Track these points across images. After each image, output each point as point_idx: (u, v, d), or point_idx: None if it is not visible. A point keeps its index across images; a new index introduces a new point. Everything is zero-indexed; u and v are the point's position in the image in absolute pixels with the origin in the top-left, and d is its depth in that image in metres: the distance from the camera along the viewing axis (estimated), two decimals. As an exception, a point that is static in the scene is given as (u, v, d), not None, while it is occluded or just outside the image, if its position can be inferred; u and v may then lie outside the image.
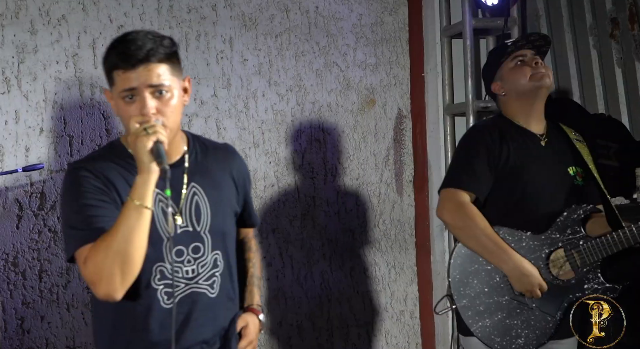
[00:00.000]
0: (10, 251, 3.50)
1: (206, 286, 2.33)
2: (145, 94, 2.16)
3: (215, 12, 3.99)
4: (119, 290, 2.11)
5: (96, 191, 2.20)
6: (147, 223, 2.12)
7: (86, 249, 2.13)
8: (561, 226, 2.96)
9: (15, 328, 3.52)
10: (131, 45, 2.17)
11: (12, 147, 3.50)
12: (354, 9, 4.43)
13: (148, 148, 2.09)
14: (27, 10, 3.55)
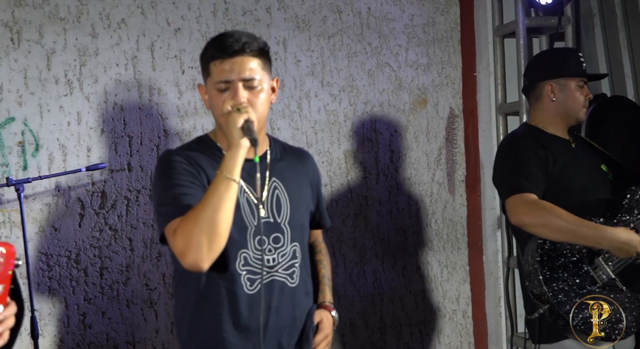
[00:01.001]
0: (72, 248, 3.61)
1: (286, 276, 2.43)
2: (238, 85, 2.31)
3: (269, 15, 4.05)
4: (206, 259, 2.18)
5: (187, 173, 2.33)
6: (234, 194, 2.22)
7: (175, 222, 2.23)
8: (628, 208, 3.04)
9: (78, 323, 3.62)
10: (228, 38, 2.34)
11: (74, 147, 3.61)
12: (406, 10, 4.45)
13: (239, 124, 2.22)
14: (88, 14, 3.65)
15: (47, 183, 3.54)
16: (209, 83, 2.38)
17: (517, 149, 3.14)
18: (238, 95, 2.30)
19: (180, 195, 2.27)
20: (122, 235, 3.69)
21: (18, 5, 3.54)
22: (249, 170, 2.32)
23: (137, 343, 3.73)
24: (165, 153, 2.47)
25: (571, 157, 3.17)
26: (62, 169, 3.55)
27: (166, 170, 2.36)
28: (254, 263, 2.36)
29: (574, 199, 3.07)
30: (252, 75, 2.31)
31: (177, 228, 2.20)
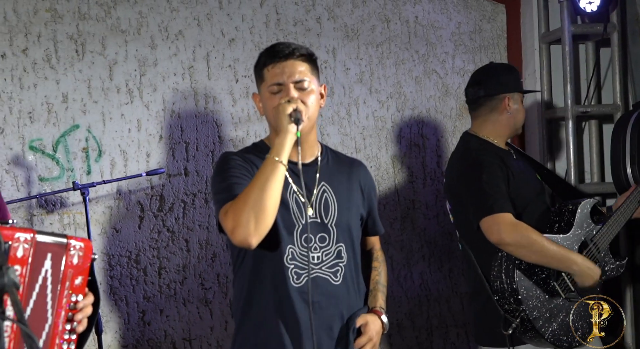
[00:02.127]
0: (132, 249, 3.80)
1: (329, 273, 2.58)
2: (289, 86, 2.50)
3: (319, 24, 4.20)
4: (254, 235, 2.35)
5: (242, 169, 2.54)
6: (281, 176, 2.40)
7: (227, 205, 2.42)
8: (579, 222, 3.26)
9: (137, 320, 3.81)
10: (279, 45, 2.60)
11: (134, 153, 3.80)
12: (453, 18, 4.55)
13: (288, 111, 2.41)
14: (148, 26, 3.84)
15: (109, 187, 3.74)
16: (262, 88, 2.58)
17: (482, 167, 3.21)
18: (290, 93, 2.49)
19: (234, 184, 2.48)
20: (179, 236, 3.87)
21: (82, 19, 3.75)
22: (298, 172, 2.48)
23: (193, 340, 3.90)
24: (223, 154, 2.68)
25: (518, 168, 3.31)
26: (123, 174, 3.75)
27: (223, 166, 2.57)
28: (300, 258, 2.53)
29: (530, 210, 3.25)
30: (302, 77, 2.52)
31: (229, 208, 2.39)
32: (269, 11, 4.08)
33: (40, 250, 1.85)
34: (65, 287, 1.91)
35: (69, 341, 1.93)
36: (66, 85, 3.72)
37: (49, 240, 1.88)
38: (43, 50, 3.70)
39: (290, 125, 2.40)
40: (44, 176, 3.68)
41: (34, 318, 1.85)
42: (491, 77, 3.44)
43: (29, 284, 1.84)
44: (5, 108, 3.66)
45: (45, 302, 1.87)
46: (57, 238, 1.91)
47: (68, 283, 1.91)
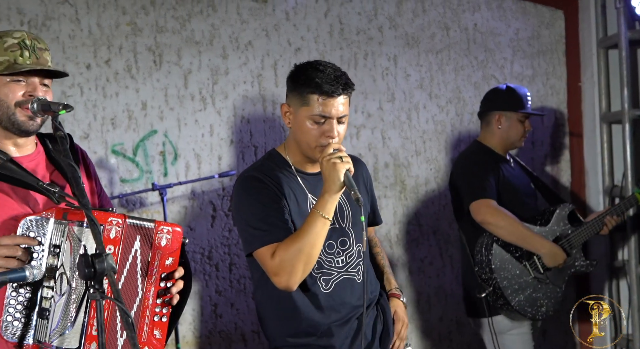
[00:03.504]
0: (205, 246, 4.06)
1: (354, 273, 2.73)
2: (333, 122, 2.58)
3: (381, 33, 4.39)
4: (297, 282, 2.54)
5: (271, 195, 2.60)
6: (326, 232, 2.54)
7: (272, 247, 2.53)
8: (556, 220, 3.84)
9: (210, 312, 4.07)
10: (331, 77, 2.57)
11: (207, 156, 4.06)
12: (511, 24, 4.69)
13: (341, 176, 2.47)
14: (220, 38, 4.10)
15: (184, 188, 4.01)
16: (302, 110, 2.59)
17: (476, 163, 3.84)
18: (333, 131, 2.57)
19: (271, 220, 2.56)
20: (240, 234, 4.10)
21: (160, 32, 4.03)
22: (315, 183, 2.64)
23: (261, 333, 4.12)
24: (244, 175, 2.70)
25: (511, 174, 3.88)
26: (197, 176, 4.02)
27: (251, 191, 2.63)
28: (326, 265, 2.67)
29: (517, 209, 3.78)
30: (345, 113, 2.61)
31: (276, 254, 2.50)
32: (332, 21, 4.29)
33: (130, 232, 2.08)
34: (154, 266, 2.13)
35: (160, 314, 2.16)
36: (145, 94, 4.01)
37: (138, 223, 2.11)
38: (124, 61, 4.00)
39: (342, 189, 2.50)
40: (125, 178, 3.98)
41: (125, 291, 2.08)
42: (489, 96, 4.00)
43: (121, 262, 2.06)
44: (90, 115, 3.97)
45: (135, 278, 2.10)
46: (146, 222, 2.14)
47: (157, 262, 2.13)
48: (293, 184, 2.65)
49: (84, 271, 1.70)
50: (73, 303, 1.95)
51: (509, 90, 3.94)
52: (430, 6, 4.52)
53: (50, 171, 2.32)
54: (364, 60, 4.35)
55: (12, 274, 1.85)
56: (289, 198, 2.63)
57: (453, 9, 4.57)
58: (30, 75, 2.22)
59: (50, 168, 2.33)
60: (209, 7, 4.10)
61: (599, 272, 4.63)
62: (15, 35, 2.23)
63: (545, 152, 4.76)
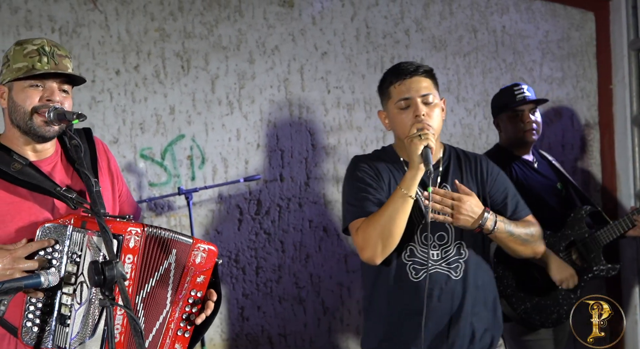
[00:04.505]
0: (232, 249, 4.10)
1: (449, 269, 2.73)
2: (417, 101, 2.68)
3: (407, 36, 4.38)
4: (379, 256, 2.64)
5: (369, 178, 2.75)
6: (408, 208, 2.62)
7: (358, 222, 2.69)
8: (570, 224, 3.66)
9: (237, 315, 4.10)
10: (402, 64, 2.77)
11: (234, 160, 4.10)
12: (541, 27, 4.64)
13: (419, 151, 2.57)
14: (247, 43, 4.13)
15: (211, 192, 4.05)
16: (389, 105, 2.76)
17: None
18: (419, 109, 2.66)
19: (364, 199, 2.71)
20: (275, 238, 4.13)
21: (187, 37, 4.08)
22: (428, 175, 2.63)
23: (288, 336, 4.16)
24: (353, 159, 2.89)
25: (526, 175, 3.70)
26: (224, 180, 4.05)
27: (353, 173, 2.80)
28: (420, 255, 2.72)
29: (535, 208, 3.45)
30: (428, 91, 2.69)
31: (359, 228, 2.66)
32: (359, 25, 4.29)
33: (162, 245, 2.10)
34: (186, 281, 2.15)
35: (184, 329, 2.17)
36: (173, 98, 4.06)
37: (175, 237, 2.14)
38: (152, 67, 4.06)
39: (421, 164, 2.57)
40: (153, 181, 4.03)
41: (150, 301, 2.11)
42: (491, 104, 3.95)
43: (145, 271, 2.08)
44: (119, 120, 4.03)
45: (165, 290, 2.12)
46: (185, 238, 2.17)
47: (189, 278, 2.16)
48: (399, 174, 2.76)
49: (94, 278, 1.73)
50: (93, 312, 1.97)
51: (497, 94, 3.89)
52: (458, 9, 4.50)
53: (70, 173, 2.35)
54: (391, 64, 4.29)
55: (27, 280, 1.87)
56: (389, 185, 2.75)
57: (481, 11, 4.54)
58: (47, 80, 2.25)
59: (70, 170, 2.36)
60: (236, 13, 4.13)
61: (629, 276, 4.56)
62: (35, 42, 2.28)
63: (575, 155, 4.71)
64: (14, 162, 2.23)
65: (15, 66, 2.24)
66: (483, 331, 2.79)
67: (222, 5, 4.12)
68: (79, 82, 2.36)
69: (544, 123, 4.60)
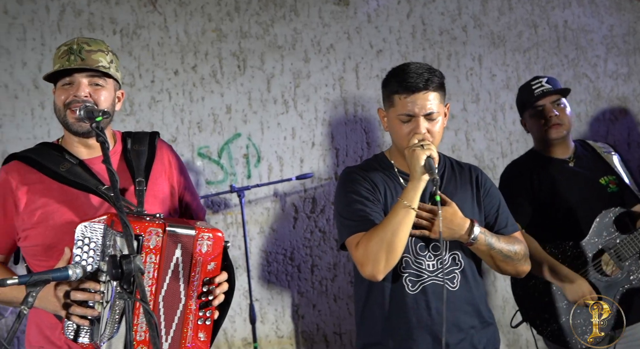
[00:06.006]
0: (288, 247, 4.12)
1: (446, 280, 2.61)
2: (419, 119, 2.56)
3: (465, 33, 4.32)
4: (382, 272, 2.51)
5: (364, 190, 2.62)
6: (411, 220, 2.51)
7: (357, 236, 2.55)
8: (596, 231, 3.26)
9: (292, 313, 4.12)
10: (411, 74, 2.55)
11: (289, 159, 4.12)
12: (605, 21, 4.51)
13: (422, 161, 2.48)
14: (302, 42, 4.15)
15: (267, 190, 4.08)
16: (391, 112, 2.63)
17: (508, 186, 3.35)
18: (419, 127, 2.54)
19: (360, 211, 2.58)
20: (330, 236, 4.14)
21: (244, 37, 4.13)
22: (435, 184, 2.51)
23: (343, 334, 4.16)
24: (345, 170, 2.77)
25: (560, 177, 3.37)
26: (279, 178, 4.08)
27: (346, 186, 2.67)
28: (415, 266, 2.62)
29: (555, 218, 3.32)
30: (432, 109, 2.55)
31: (360, 243, 2.52)
32: (415, 22, 4.26)
33: (171, 241, 2.13)
34: (196, 272, 2.17)
35: (204, 318, 2.21)
36: (229, 98, 4.11)
37: (178, 231, 2.15)
38: (210, 67, 4.12)
39: (423, 175, 2.48)
40: (210, 179, 4.09)
41: (168, 298, 2.14)
42: None
43: (163, 269, 2.12)
44: (177, 119, 4.11)
45: (178, 285, 2.15)
46: (187, 230, 2.17)
47: (199, 268, 2.18)
48: (392, 184, 2.66)
49: (112, 271, 1.76)
50: (117, 309, 2.02)
51: (517, 93, 3.61)
52: (517, 4, 4.41)
53: (122, 171, 2.39)
54: (447, 61, 4.29)
55: (56, 273, 1.93)
56: (385, 196, 2.64)
57: (542, 6, 4.44)
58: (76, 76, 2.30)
59: (122, 167, 2.40)
60: (292, 12, 4.16)
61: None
62: (68, 42, 2.34)
63: (643, 153, 4.56)
64: (64, 162, 2.31)
65: (53, 69, 2.32)
66: (485, 344, 2.67)
67: (277, 5, 4.15)
68: (105, 73, 2.36)
69: (608, 121, 4.49)
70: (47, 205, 2.27)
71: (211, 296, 2.22)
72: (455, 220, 2.56)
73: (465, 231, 2.56)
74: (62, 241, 2.19)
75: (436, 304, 2.61)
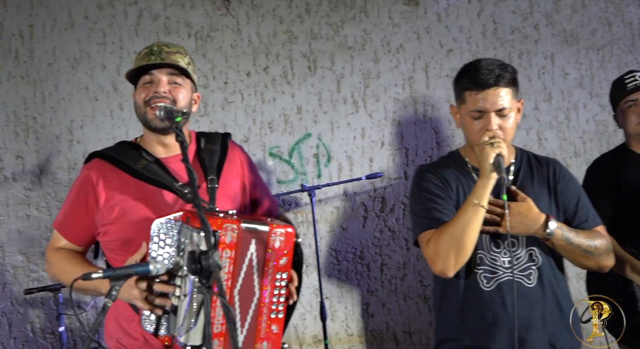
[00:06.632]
0: (357, 246, 4.16)
1: (522, 277, 2.62)
2: (490, 115, 2.54)
3: (537, 31, 4.28)
4: (452, 269, 2.53)
5: (435, 188, 2.65)
6: (481, 218, 2.51)
7: (428, 233, 2.58)
8: None
9: (362, 311, 4.15)
10: (482, 71, 2.55)
11: (359, 159, 4.16)
12: (682, 17, 4.40)
13: (491, 159, 2.48)
14: (372, 42, 4.19)
15: (337, 189, 4.13)
16: (462, 109, 2.63)
17: (592, 179, 3.34)
18: (490, 124, 2.54)
19: (433, 210, 2.60)
20: (400, 235, 4.16)
21: (314, 38, 4.19)
22: (501, 183, 2.50)
23: (413, 334, 4.17)
24: (418, 169, 2.79)
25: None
26: (349, 177, 4.12)
27: (419, 184, 2.71)
28: (489, 262, 2.61)
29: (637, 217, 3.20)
30: (504, 105, 2.53)
31: (430, 240, 2.55)
32: (486, 21, 4.24)
33: (245, 236, 2.19)
34: (269, 266, 2.24)
35: (277, 311, 2.26)
36: (300, 98, 4.17)
37: (252, 227, 2.21)
38: (281, 68, 4.19)
39: (492, 173, 2.47)
40: (281, 179, 4.17)
41: (243, 292, 2.20)
42: None
43: (238, 264, 2.18)
44: (249, 119, 4.20)
45: (252, 279, 2.21)
46: (260, 226, 2.23)
47: (272, 263, 2.24)
48: (465, 181, 2.67)
49: (191, 266, 1.82)
50: (195, 303, 2.09)
51: (615, 80, 3.50)
52: (591, 1, 4.34)
53: (195, 168, 2.43)
54: (519, 60, 4.26)
55: (137, 268, 2.01)
56: (458, 193, 2.66)
57: (616, 3, 4.36)
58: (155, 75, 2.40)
59: (195, 165, 2.49)
60: (362, 13, 4.20)
61: None
62: (148, 45, 2.44)
63: None
64: (141, 159, 2.41)
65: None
66: (563, 343, 2.63)
67: (347, 6, 4.20)
68: (184, 71, 2.45)
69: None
70: (125, 201, 2.36)
71: (283, 290, 2.28)
72: (530, 215, 2.55)
73: (540, 226, 2.54)
74: (138, 237, 2.27)
75: (512, 301, 2.58)
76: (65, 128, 4.41)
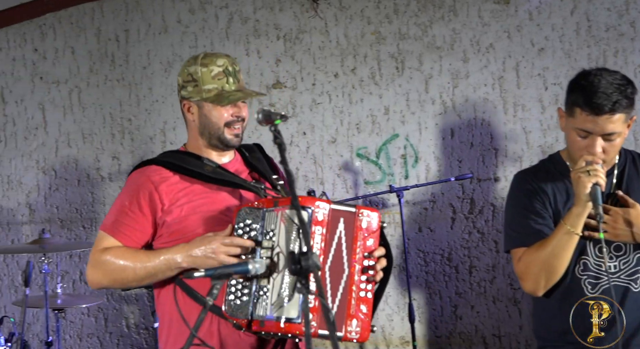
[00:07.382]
0: (445, 248, 4.12)
1: (629, 281, 2.57)
2: (597, 138, 2.47)
3: (633, 29, 4.13)
4: (541, 289, 2.56)
5: (529, 201, 2.62)
6: (573, 245, 2.48)
7: (520, 250, 2.58)
8: None
9: (450, 313, 4.12)
10: (600, 95, 2.42)
11: (447, 159, 4.13)
12: None
13: (587, 189, 2.41)
14: (461, 42, 4.14)
15: (424, 190, 4.11)
16: (570, 121, 2.53)
17: None
18: (595, 148, 2.46)
19: (525, 226, 2.59)
20: (489, 237, 4.10)
21: (402, 39, 4.18)
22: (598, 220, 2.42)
23: (502, 337, 4.10)
24: (516, 177, 2.77)
25: None
26: (437, 178, 4.09)
27: (514, 195, 2.71)
28: (594, 268, 2.57)
29: None
30: (614, 130, 2.45)
31: (521, 258, 2.56)
32: (579, 19, 4.13)
33: (335, 215, 2.27)
34: (357, 245, 2.30)
35: (365, 290, 2.30)
36: (387, 99, 4.17)
37: (341, 208, 2.30)
38: (368, 69, 4.20)
39: (588, 203, 2.42)
40: (369, 179, 4.18)
41: (333, 268, 2.26)
42: None
43: (328, 242, 2.26)
44: (337, 120, 4.23)
45: (341, 256, 2.28)
46: (348, 207, 2.32)
47: (360, 242, 2.30)
48: (565, 187, 2.62)
49: (291, 267, 1.87)
50: (289, 278, 2.15)
51: None
52: (692, -4, 4.17)
53: (247, 174, 2.62)
54: (614, 58, 4.12)
55: (237, 267, 2.08)
56: (556, 201, 2.61)
57: None
58: None
59: (247, 172, 2.62)
60: (450, 12, 4.16)
61: None
62: (219, 62, 2.50)
63: None
64: (206, 165, 2.51)
65: (205, 87, 2.48)
66: None
67: (436, 6, 4.17)
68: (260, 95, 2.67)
69: None
70: (192, 201, 2.45)
71: (371, 271, 2.32)
72: (639, 222, 2.49)
73: None
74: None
75: (617, 306, 2.55)
76: (158, 129, 4.55)
